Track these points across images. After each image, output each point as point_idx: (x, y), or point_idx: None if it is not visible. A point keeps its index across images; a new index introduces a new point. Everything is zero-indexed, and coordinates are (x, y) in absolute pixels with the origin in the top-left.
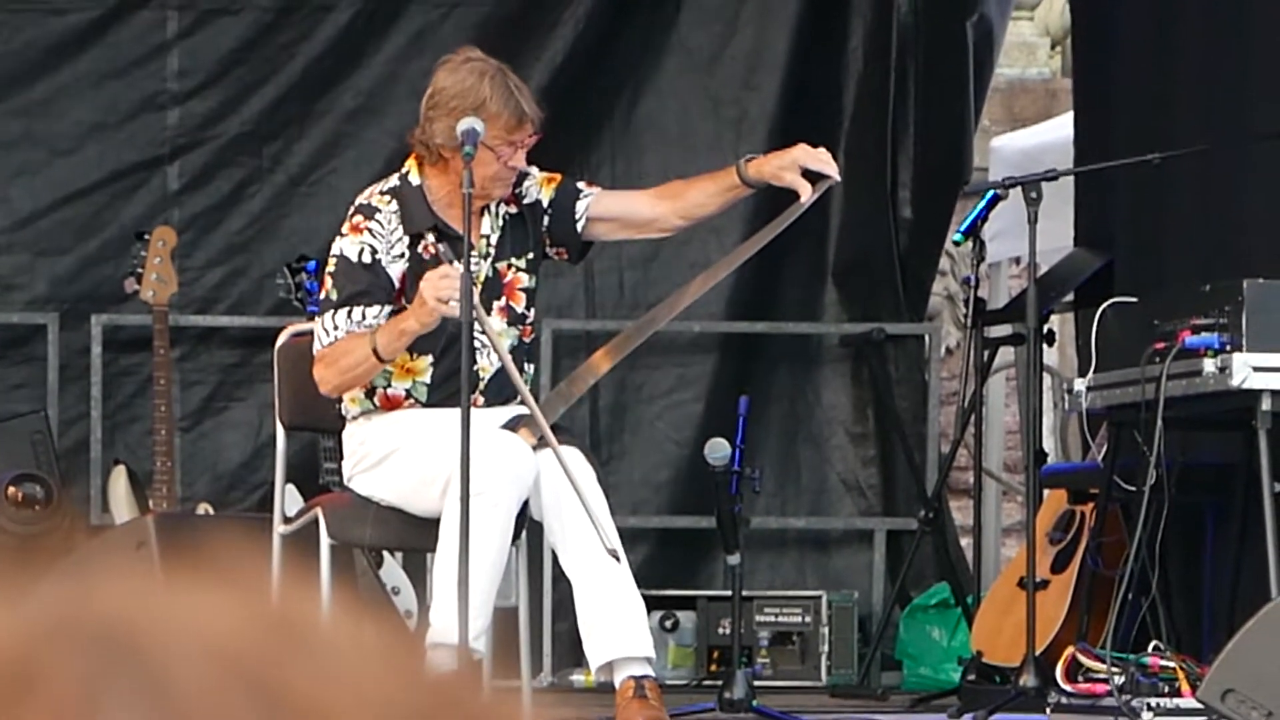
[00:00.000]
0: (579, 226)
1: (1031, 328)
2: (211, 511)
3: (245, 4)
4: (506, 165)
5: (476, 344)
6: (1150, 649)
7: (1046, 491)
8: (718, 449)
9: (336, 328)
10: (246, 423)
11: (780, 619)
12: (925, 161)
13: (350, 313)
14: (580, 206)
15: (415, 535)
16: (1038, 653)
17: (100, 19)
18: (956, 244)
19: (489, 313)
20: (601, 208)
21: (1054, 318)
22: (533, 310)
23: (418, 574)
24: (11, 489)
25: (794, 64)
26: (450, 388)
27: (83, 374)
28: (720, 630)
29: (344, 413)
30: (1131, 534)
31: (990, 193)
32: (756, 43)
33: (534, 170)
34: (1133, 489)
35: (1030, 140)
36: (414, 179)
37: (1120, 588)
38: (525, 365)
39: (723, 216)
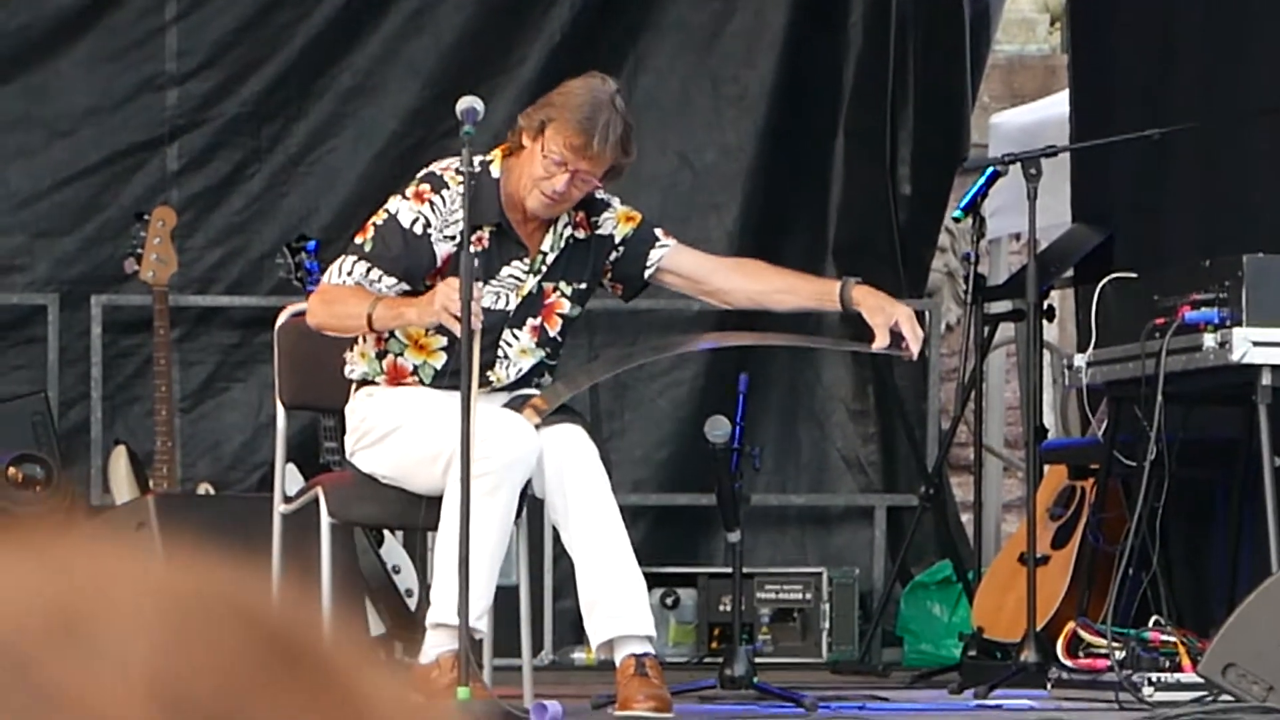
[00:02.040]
0: (647, 274)
1: (1031, 303)
2: (212, 491)
3: None
4: (551, 181)
5: (499, 353)
6: (1151, 624)
7: (1047, 467)
8: (718, 426)
9: (350, 274)
10: (247, 403)
11: (781, 596)
12: (924, 139)
13: (369, 270)
14: (654, 255)
15: (416, 514)
16: (1038, 628)
17: (98, 0)
18: (956, 220)
19: (521, 326)
20: (674, 263)
21: (1054, 293)
22: (565, 338)
23: (418, 553)
24: (12, 469)
25: (793, 41)
26: (456, 382)
27: (83, 355)
28: (721, 607)
29: (348, 371)
30: (1132, 509)
31: (990, 169)
32: (755, 20)
33: (615, 203)
34: (1133, 464)
35: (1030, 116)
36: (495, 170)
37: (1121, 563)
38: (544, 374)
39: (724, 193)
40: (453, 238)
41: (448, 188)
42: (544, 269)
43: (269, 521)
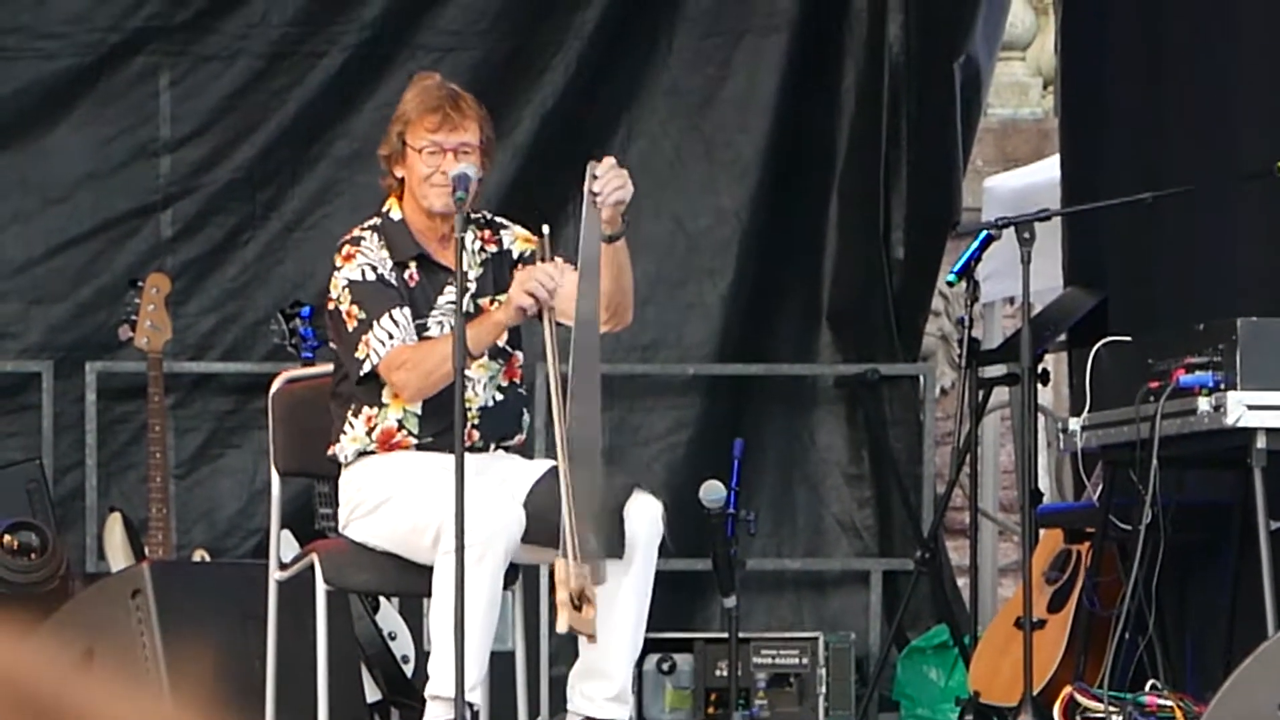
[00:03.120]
0: None
1: (1026, 367)
2: (208, 558)
3: (238, 50)
4: (439, 171)
5: (465, 378)
6: (1148, 688)
7: (1042, 531)
8: (713, 491)
9: (391, 337)
10: (242, 469)
11: (777, 661)
12: (917, 202)
13: (392, 316)
14: None
15: (411, 580)
16: (1035, 692)
17: (93, 66)
18: (950, 284)
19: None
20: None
21: (1048, 357)
22: (519, 352)
23: (414, 619)
24: (7, 537)
25: (787, 106)
26: (441, 422)
27: (77, 422)
28: (718, 672)
29: (341, 458)
30: (1127, 573)
31: (983, 233)
32: (749, 85)
33: (515, 226)
34: (1128, 528)
35: (1023, 180)
36: (395, 215)
37: (1117, 627)
38: (522, 412)
39: (718, 258)
40: (393, 276)
41: (364, 239)
42: (471, 286)
43: (264, 588)
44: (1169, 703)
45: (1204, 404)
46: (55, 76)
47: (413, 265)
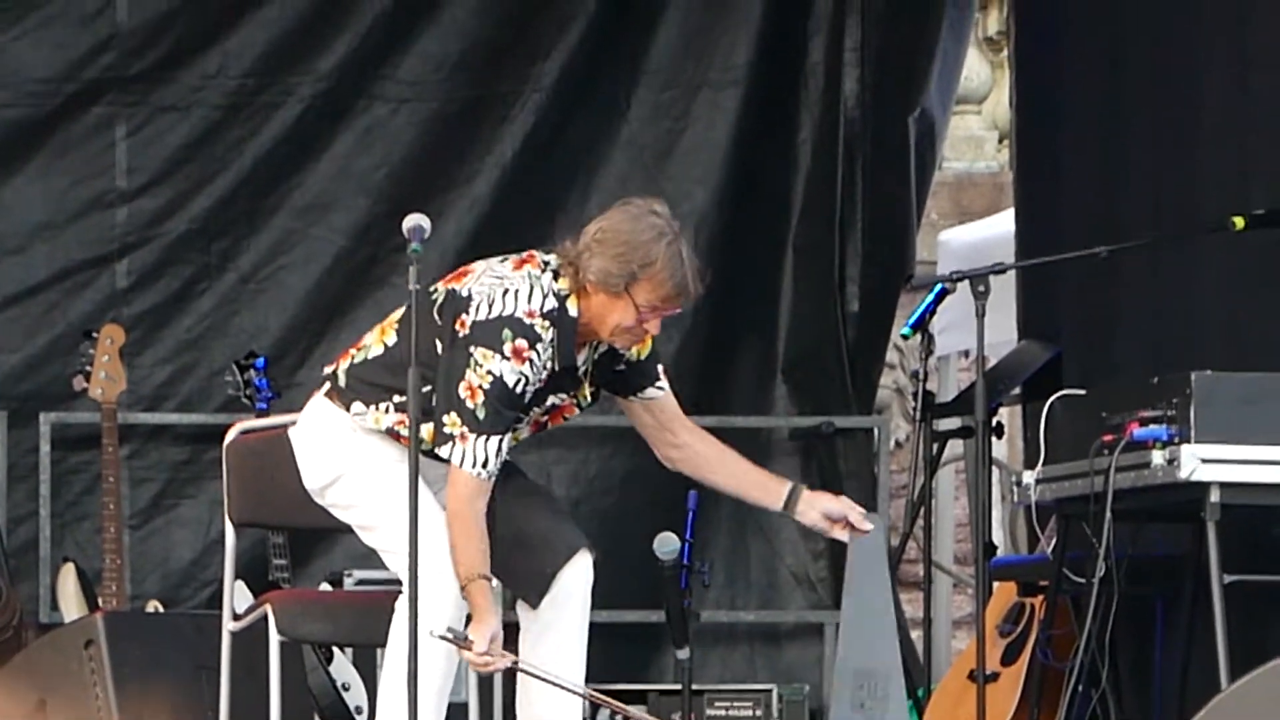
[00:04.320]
0: (630, 399)
1: (980, 420)
2: (161, 609)
3: (194, 101)
4: (642, 326)
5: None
6: None
7: (996, 584)
8: (667, 544)
9: (495, 456)
10: (196, 520)
11: (731, 713)
12: (872, 255)
13: (501, 441)
14: (649, 392)
15: (365, 631)
16: None
17: (49, 116)
18: (905, 337)
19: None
20: (659, 405)
21: (1003, 410)
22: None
23: (368, 669)
24: None
25: (744, 159)
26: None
27: (31, 472)
28: None
29: (360, 419)
30: (1081, 626)
31: (938, 286)
32: (706, 138)
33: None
34: (1082, 581)
35: (978, 234)
36: (572, 309)
37: (1070, 680)
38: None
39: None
40: (540, 383)
41: (541, 340)
42: (584, 379)
43: (218, 639)
44: None
45: (1158, 457)
46: (11, 127)
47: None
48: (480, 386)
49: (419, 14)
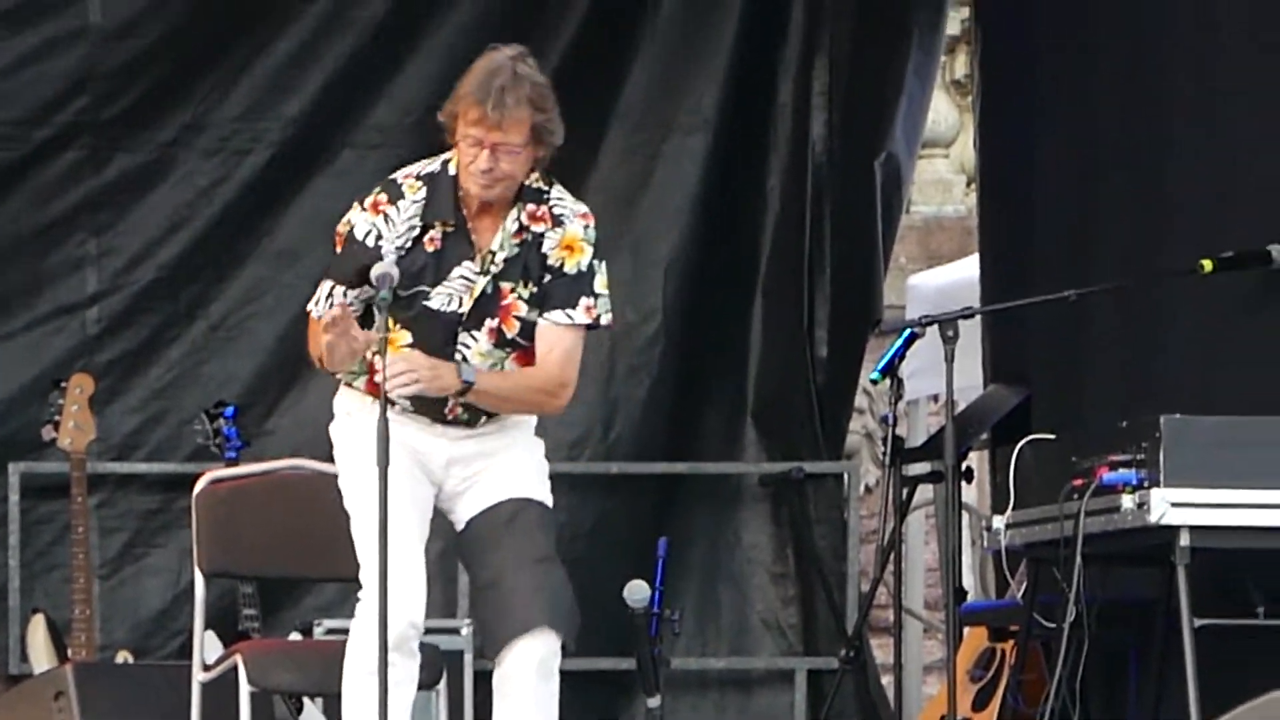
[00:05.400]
0: (542, 316)
1: (950, 465)
2: (131, 660)
3: (164, 147)
4: (473, 161)
5: (458, 357)
6: None
7: (967, 629)
8: (637, 591)
9: (326, 298)
10: (166, 569)
11: None
12: (840, 300)
13: (333, 290)
14: (555, 314)
15: (335, 680)
16: None
17: (20, 161)
18: (874, 382)
19: (479, 329)
20: (547, 334)
21: (972, 455)
22: (528, 340)
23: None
24: None
25: (712, 203)
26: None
27: (0, 522)
28: None
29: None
30: (1052, 671)
31: (907, 331)
32: (676, 182)
33: (569, 224)
34: (1052, 626)
35: (947, 278)
36: (453, 168)
37: None
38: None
39: (643, 354)
40: (401, 249)
41: (404, 198)
42: (493, 268)
43: (188, 690)
44: None
45: (1128, 501)
46: None
47: (438, 226)
48: (339, 232)
49: (389, 61)
